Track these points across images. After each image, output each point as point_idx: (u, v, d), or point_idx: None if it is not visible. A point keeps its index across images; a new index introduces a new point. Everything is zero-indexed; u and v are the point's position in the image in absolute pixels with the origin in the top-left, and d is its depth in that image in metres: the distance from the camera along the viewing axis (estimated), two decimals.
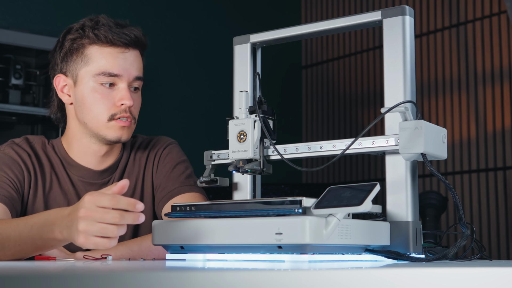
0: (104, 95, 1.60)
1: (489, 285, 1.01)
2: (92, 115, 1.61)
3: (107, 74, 1.60)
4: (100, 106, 1.60)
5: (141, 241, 1.56)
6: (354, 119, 4.47)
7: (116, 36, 1.60)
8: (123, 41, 1.61)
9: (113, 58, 1.60)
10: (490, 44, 3.78)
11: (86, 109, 1.62)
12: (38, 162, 1.65)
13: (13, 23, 3.54)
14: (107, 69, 1.60)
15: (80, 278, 0.69)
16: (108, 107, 1.60)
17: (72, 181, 1.66)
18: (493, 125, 3.72)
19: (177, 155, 1.74)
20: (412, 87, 1.35)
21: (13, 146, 1.65)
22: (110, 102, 1.60)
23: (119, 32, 1.61)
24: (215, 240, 1.20)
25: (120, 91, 1.61)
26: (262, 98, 1.48)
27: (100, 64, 1.60)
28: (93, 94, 1.60)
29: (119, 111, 1.60)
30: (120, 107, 1.60)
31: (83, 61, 1.62)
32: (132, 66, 1.62)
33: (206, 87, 4.25)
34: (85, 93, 1.62)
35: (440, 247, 1.47)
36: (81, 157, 1.66)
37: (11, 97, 3.39)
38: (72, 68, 1.63)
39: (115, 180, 1.69)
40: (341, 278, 0.86)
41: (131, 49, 1.63)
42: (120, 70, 1.60)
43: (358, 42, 4.48)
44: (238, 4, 4.45)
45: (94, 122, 1.61)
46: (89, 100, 1.61)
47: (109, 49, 1.61)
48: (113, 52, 1.61)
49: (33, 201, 1.62)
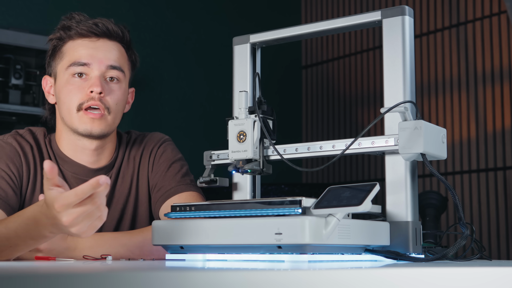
0: (76, 86, 1.61)
1: (489, 285, 1.01)
2: (65, 107, 1.62)
3: (77, 63, 1.61)
4: (71, 97, 1.61)
5: (143, 242, 1.55)
6: (354, 119, 4.47)
7: (85, 26, 1.63)
8: (92, 31, 1.62)
9: (83, 48, 1.62)
10: (490, 44, 3.78)
11: (61, 102, 1.63)
12: (40, 154, 1.65)
13: (13, 23, 3.54)
14: (76, 59, 1.61)
15: (80, 278, 0.69)
16: (78, 97, 1.60)
17: (65, 178, 1.65)
18: (493, 125, 3.72)
19: (171, 153, 1.73)
20: (412, 87, 1.35)
21: (16, 137, 1.65)
22: (81, 92, 1.60)
23: (90, 23, 1.63)
24: (215, 240, 1.20)
25: (91, 80, 1.61)
26: (261, 98, 1.48)
27: (71, 56, 1.62)
28: (66, 86, 1.62)
29: (87, 99, 1.59)
30: (89, 95, 1.60)
31: (60, 57, 1.65)
32: (105, 55, 1.63)
33: (206, 87, 4.24)
34: (60, 87, 1.64)
35: (440, 247, 1.47)
36: (72, 153, 1.66)
37: (11, 97, 3.39)
38: (53, 67, 1.67)
39: (111, 179, 1.68)
40: (341, 278, 0.86)
41: (103, 39, 1.64)
42: (89, 59, 1.61)
43: (358, 42, 4.48)
44: (238, 4, 4.45)
45: (67, 115, 1.62)
46: (63, 93, 1.62)
47: (80, 41, 1.63)
48: (83, 42, 1.63)
49: (31, 195, 1.62)
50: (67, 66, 1.62)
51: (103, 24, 1.64)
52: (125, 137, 1.75)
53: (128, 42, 1.70)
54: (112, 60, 1.63)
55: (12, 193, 1.57)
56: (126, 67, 1.68)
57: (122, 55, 1.67)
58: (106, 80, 1.62)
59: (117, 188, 1.69)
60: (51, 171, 1.12)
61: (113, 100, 1.62)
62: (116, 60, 1.64)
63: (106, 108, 1.60)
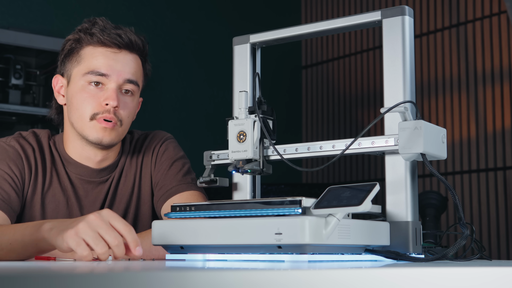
0: (91, 94, 1.59)
1: (489, 285, 1.01)
2: (78, 114, 1.61)
3: (95, 72, 1.59)
4: (85, 105, 1.59)
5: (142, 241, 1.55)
6: (354, 119, 4.47)
7: (108, 36, 1.60)
8: (115, 42, 1.60)
9: (104, 58, 1.60)
10: (490, 44, 3.78)
11: (74, 108, 1.62)
12: (41, 157, 1.65)
13: (13, 23, 3.54)
14: (95, 67, 1.59)
15: (80, 278, 0.69)
16: (93, 106, 1.59)
17: (70, 178, 1.66)
18: (493, 125, 3.72)
19: (173, 152, 1.73)
20: (412, 87, 1.35)
21: (19, 139, 1.65)
22: (95, 102, 1.59)
23: (113, 33, 1.61)
24: (215, 240, 1.20)
25: (107, 91, 1.59)
26: (261, 98, 1.48)
27: (90, 63, 1.60)
28: (81, 93, 1.60)
29: (102, 111, 1.59)
30: (104, 107, 1.59)
31: (77, 61, 1.62)
32: (124, 68, 1.61)
33: (206, 87, 4.25)
34: (74, 92, 1.62)
35: (440, 247, 1.47)
36: (78, 157, 1.66)
37: (11, 97, 3.39)
38: (68, 69, 1.65)
39: (114, 179, 1.69)
40: (341, 278, 0.86)
41: (124, 51, 1.62)
42: (109, 70, 1.59)
43: (358, 42, 4.48)
44: (237, 4, 4.45)
45: (79, 122, 1.61)
46: (77, 99, 1.61)
47: (101, 49, 1.60)
48: (104, 52, 1.60)
49: (31, 198, 1.62)
50: (84, 72, 1.60)
51: (126, 36, 1.61)
52: (128, 137, 1.75)
53: (146, 55, 1.69)
54: (130, 73, 1.62)
55: (14, 195, 1.58)
56: (140, 80, 1.67)
57: (139, 68, 1.66)
58: (121, 92, 1.62)
59: (120, 188, 1.70)
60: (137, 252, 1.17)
61: (126, 113, 1.63)
62: (133, 73, 1.63)
63: (119, 121, 1.61)
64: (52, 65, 3.48)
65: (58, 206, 1.64)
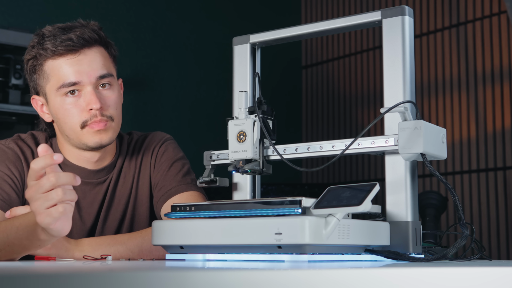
0: (72, 105, 1.58)
1: (489, 285, 1.01)
2: (68, 127, 1.60)
3: (67, 84, 1.57)
4: (71, 117, 1.58)
5: (142, 242, 1.55)
6: (354, 119, 4.47)
7: (60, 44, 1.56)
8: (69, 47, 1.56)
9: (68, 66, 1.57)
10: (490, 44, 3.78)
11: (62, 123, 1.61)
12: None
13: (13, 23, 3.54)
14: (64, 79, 1.57)
15: (80, 278, 0.69)
16: (79, 115, 1.58)
17: None
18: (493, 125, 3.72)
19: (173, 153, 1.73)
20: (412, 87, 1.35)
21: (17, 142, 1.65)
22: (79, 110, 1.58)
23: (64, 39, 1.56)
24: (215, 240, 1.20)
25: (86, 96, 1.57)
26: (261, 98, 1.48)
27: (58, 77, 1.57)
28: (62, 107, 1.58)
29: (89, 117, 1.57)
30: (90, 112, 1.57)
31: (44, 77, 1.60)
32: (91, 67, 1.58)
33: (206, 87, 4.25)
34: (56, 108, 1.60)
35: (440, 247, 1.47)
36: (75, 160, 1.66)
37: (11, 97, 3.39)
38: (40, 87, 1.62)
39: (112, 180, 1.69)
40: (341, 278, 0.86)
41: (83, 50, 1.58)
42: (78, 76, 1.57)
43: (358, 42, 4.48)
44: (237, 4, 4.45)
45: (72, 133, 1.60)
46: (61, 114, 1.60)
47: (60, 60, 1.57)
48: (64, 61, 1.57)
49: None
50: (57, 87, 1.58)
51: (78, 36, 1.57)
52: (126, 138, 1.75)
53: (106, 40, 1.64)
54: (99, 69, 1.59)
55: (15, 196, 1.58)
56: (112, 67, 1.64)
57: (105, 57, 1.62)
58: (99, 89, 1.60)
59: (118, 189, 1.69)
60: (44, 152, 1.18)
61: (112, 107, 1.61)
62: (102, 67, 1.59)
63: (109, 118, 1.60)
64: None
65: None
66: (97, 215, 1.67)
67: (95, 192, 1.67)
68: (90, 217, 1.66)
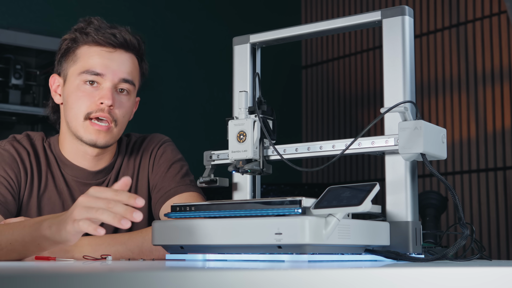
0: (86, 93, 1.60)
1: (489, 285, 1.01)
2: (73, 113, 1.61)
3: (90, 72, 1.59)
4: (80, 104, 1.60)
5: (142, 241, 1.55)
6: (354, 119, 4.47)
7: (103, 36, 1.60)
8: (110, 41, 1.60)
9: (99, 57, 1.60)
10: (490, 44, 3.78)
11: (69, 107, 1.62)
12: (36, 160, 1.65)
13: (13, 23, 3.54)
14: (91, 67, 1.60)
15: (80, 278, 0.69)
16: (87, 105, 1.59)
17: (66, 181, 1.66)
18: (493, 125, 3.72)
19: (171, 154, 1.73)
20: (412, 87, 1.35)
21: (13, 143, 1.65)
22: (90, 100, 1.59)
23: (108, 33, 1.61)
24: (215, 240, 1.20)
25: (103, 90, 1.60)
26: (261, 98, 1.48)
27: (85, 62, 1.61)
28: (76, 92, 1.61)
29: (96, 109, 1.59)
30: (99, 106, 1.59)
31: (73, 60, 1.63)
32: (119, 67, 1.61)
33: (206, 87, 4.25)
34: (70, 91, 1.62)
35: (440, 247, 1.47)
36: (73, 157, 1.66)
37: (11, 97, 3.39)
38: (64, 68, 1.65)
39: (110, 181, 1.69)
40: (341, 278, 0.86)
41: (120, 51, 1.62)
42: (104, 69, 1.60)
43: (358, 42, 4.48)
44: (237, 4, 4.45)
45: (73, 121, 1.61)
46: (72, 98, 1.61)
47: (96, 48, 1.61)
48: (99, 51, 1.61)
49: (27, 201, 1.62)
50: (79, 72, 1.60)
51: (121, 35, 1.62)
52: (125, 140, 1.75)
53: (143, 54, 1.69)
54: (126, 73, 1.62)
55: (11, 198, 1.58)
56: (137, 79, 1.67)
57: (135, 67, 1.66)
58: (116, 91, 1.62)
59: None
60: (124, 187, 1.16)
61: (121, 112, 1.62)
62: (129, 73, 1.63)
63: (113, 121, 1.61)
64: (52, 65, 3.48)
65: (54, 209, 1.63)
66: None
67: None
68: None
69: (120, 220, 1.12)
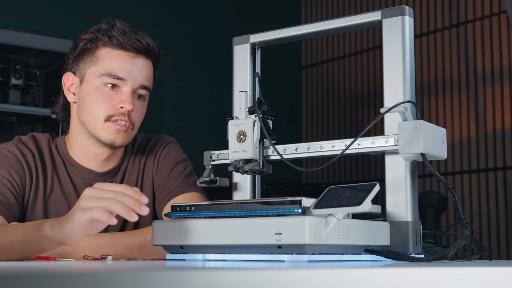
0: (105, 95, 1.60)
1: (489, 285, 1.01)
2: (91, 114, 1.61)
3: (112, 75, 1.59)
4: (99, 106, 1.60)
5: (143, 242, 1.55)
6: (354, 119, 4.47)
7: (128, 40, 1.61)
8: (134, 46, 1.61)
9: (121, 61, 1.61)
10: (490, 44, 3.78)
11: (86, 107, 1.62)
12: (42, 162, 1.65)
13: (13, 23, 3.54)
14: (113, 70, 1.60)
15: (80, 278, 0.69)
16: (108, 108, 1.59)
17: (73, 182, 1.66)
18: (493, 125, 3.72)
19: (176, 155, 1.73)
20: (412, 87, 1.35)
21: (18, 145, 1.64)
22: (110, 104, 1.60)
23: (132, 37, 1.61)
24: (215, 240, 1.20)
25: (123, 95, 1.60)
26: (261, 98, 1.48)
27: (107, 65, 1.60)
28: (95, 93, 1.60)
29: (117, 113, 1.60)
30: (119, 110, 1.59)
31: (93, 61, 1.62)
32: (140, 73, 1.62)
33: (206, 87, 4.25)
34: (88, 91, 1.62)
35: (440, 247, 1.47)
36: (82, 158, 1.66)
37: (11, 97, 3.39)
38: (81, 67, 1.64)
39: (117, 182, 1.69)
40: (341, 277, 0.86)
41: (141, 57, 1.63)
42: (126, 74, 1.60)
43: (358, 42, 4.48)
44: (237, 4, 4.45)
45: (91, 121, 1.61)
46: (91, 99, 1.61)
47: (119, 52, 1.61)
48: (122, 55, 1.61)
49: (33, 203, 1.62)
50: (100, 73, 1.60)
51: (145, 41, 1.63)
52: (130, 141, 1.75)
53: (158, 62, 1.71)
54: (145, 79, 1.64)
55: (14, 201, 1.57)
56: (152, 86, 1.69)
57: (152, 74, 1.68)
58: (135, 96, 1.63)
59: None
60: None
61: (137, 117, 1.64)
62: (148, 79, 1.65)
63: (132, 124, 1.62)
64: (52, 65, 3.49)
65: (60, 211, 1.63)
66: None
67: None
68: None
69: (129, 212, 1.14)
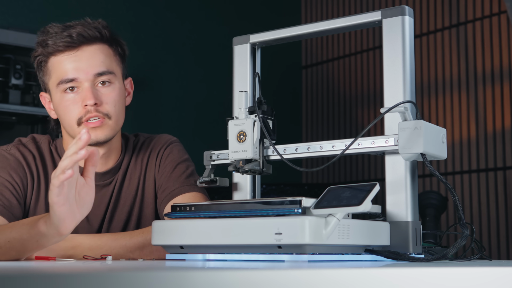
0: (70, 101, 1.60)
1: (489, 285, 1.01)
2: (66, 123, 1.62)
3: (64, 80, 1.59)
4: (68, 113, 1.60)
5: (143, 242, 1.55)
6: (354, 119, 4.47)
7: (60, 41, 1.59)
8: (67, 43, 1.59)
9: (66, 63, 1.60)
10: (490, 44, 3.78)
11: (61, 118, 1.64)
12: (43, 164, 1.65)
13: (13, 23, 3.54)
14: (63, 75, 1.59)
15: (79, 278, 0.69)
16: (75, 112, 1.59)
17: None
18: (493, 125, 3.72)
19: (178, 155, 1.73)
20: (412, 87, 1.35)
21: (19, 147, 1.64)
22: (76, 106, 1.59)
23: (64, 35, 1.59)
24: (215, 240, 1.20)
25: (83, 92, 1.59)
26: (261, 98, 1.48)
27: (57, 73, 1.60)
28: (61, 103, 1.61)
29: (84, 113, 1.59)
30: (85, 109, 1.59)
31: (48, 74, 1.63)
32: (88, 64, 1.59)
33: (206, 87, 4.25)
34: (56, 104, 1.63)
35: (440, 247, 1.47)
36: (81, 162, 1.66)
37: (11, 97, 3.39)
38: (45, 84, 1.66)
39: (118, 181, 1.69)
40: (341, 277, 0.86)
41: (82, 47, 1.60)
42: (75, 73, 1.59)
43: (358, 42, 4.48)
44: (237, 4, 4.45)
45: (70, 129, 1.62)
46: (61, 110, 1.62)
47: (60, 56, 1.60)
48: (64, 58, 1.60)
49: (35, 205, 1.62)
50: (56, 83, 1.61)
51: (77, 33, 1.59)
52: (132, 140, 1.75)
53: (109, 38, 1.64)
54: (98, 66, 1.60)
55: (16, 203, 1.57)
56: (114, 65, 1.64)
57: (106, 55, 1.63)
58: (97, 87, 1.60)
59: (123, 190, 1.69)
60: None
61: (110, 104, 1.61)
62: (101, 64, 1.61)
63: (105, 115, 1.60)
64: None
65: None
66: (103, 217, 1.67)
67: (102, 194, 1.67)
68: (97, 219, 1.67)
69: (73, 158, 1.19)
